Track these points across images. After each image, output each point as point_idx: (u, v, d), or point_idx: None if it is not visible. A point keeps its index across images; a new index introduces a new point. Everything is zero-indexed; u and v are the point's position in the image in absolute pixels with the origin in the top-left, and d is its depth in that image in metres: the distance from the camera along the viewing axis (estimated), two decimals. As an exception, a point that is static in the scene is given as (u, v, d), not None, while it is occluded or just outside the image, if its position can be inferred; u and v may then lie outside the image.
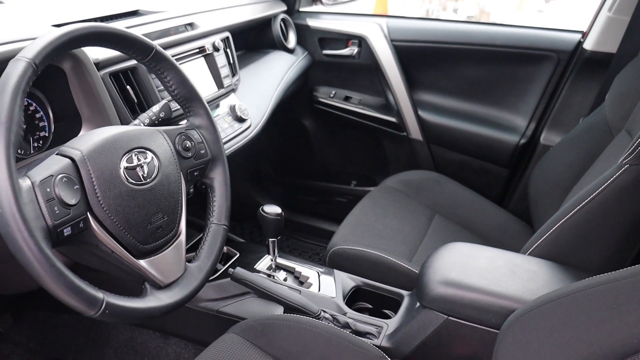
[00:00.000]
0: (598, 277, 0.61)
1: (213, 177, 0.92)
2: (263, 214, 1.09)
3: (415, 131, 1.79)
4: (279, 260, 1.22)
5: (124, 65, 0.99)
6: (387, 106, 1.82)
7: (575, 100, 1.53)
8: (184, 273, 0.81)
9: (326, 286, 1.15)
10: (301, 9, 1.89)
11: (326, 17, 1.85)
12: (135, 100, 1.00)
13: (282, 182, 2.17)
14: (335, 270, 1.21)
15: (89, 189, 0.68)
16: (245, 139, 1.26)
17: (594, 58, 1.46)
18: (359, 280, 1.19)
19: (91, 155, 0.70)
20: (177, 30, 1.21)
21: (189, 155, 0.86)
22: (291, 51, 1.75)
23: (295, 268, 1.21)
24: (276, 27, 1.70)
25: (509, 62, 1.63)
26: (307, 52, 1.84)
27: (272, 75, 1.56)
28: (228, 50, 1.36)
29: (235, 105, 1.27)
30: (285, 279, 1.18)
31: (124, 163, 0.73)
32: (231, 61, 1.36)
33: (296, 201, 2.14)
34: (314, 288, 1.14)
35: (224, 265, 1.18)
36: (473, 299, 0.88)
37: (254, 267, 1.19)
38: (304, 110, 1.98)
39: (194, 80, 0.91)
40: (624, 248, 0.93)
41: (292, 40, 1.79)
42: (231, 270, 1.09)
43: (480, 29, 1.68)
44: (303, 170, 2.14)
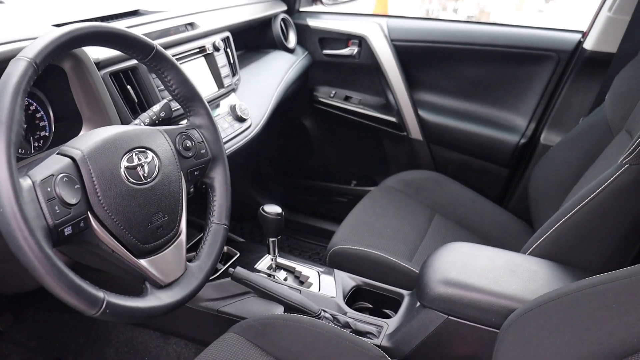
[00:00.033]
0: (598, 277, 0.61)
1: (213, 177, 0.92)
2: (263, 214, 1.09)
3: (415, 131, 1.79)
4: (279, 259, 1.22)
5: (125, 65, 0.99)
6: (387, 106, 1.82)
7: (575, 100, 1.53)
8: (185, 272, 0.81)
9: (326, 286, 1.15)
10: (301, 9, 1.89)
11: (326, 17, 1.85)
12: (135, 99, 1.00)
13: (283, 182, 2.17)
14: (335, 270, 1.21)
15: (90, 189, 0.69)
16: (245, 139, 1.26)
17: (594, 58, 1.46)
18: (359, 279, 1.19)
19: (92, 154, 0.70)
20: (178, 30, 1.21)
21: (190, 154, 0.86)
22: (291, 51, 1.75)
23: (295, 268, 1.21)
24: (276, 27, 1.70)
25: (509, 62, 1.63)
26: (307, 52, 1.85)
27: (273, 75, 1.56)
28: (228, 50, 1.36)
29: (235, 105, 1.28)
30: (285, 279, 1.18)
31: (125, 162, 0.73)
32: (231, 61, 1.36)
33: (296, 201, 2.14)
34: (314, 288, 1.14)
35: (224, 264, 1.18)
36: (473, 299, 0.88)
37: (254, 267, 1.19)
38: (304, 110, 1.98)
39: (194, 80, 0.91)
40: (624, 248, 0.93)
41: (292, 40, 1.79)
42: (231, 269, 1.09)
43: (480, 29, 1.68)
44: (303, 170, 2.14)
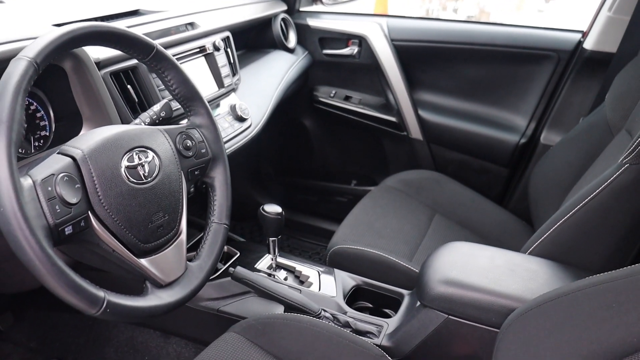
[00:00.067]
0: (598, 276, 0.61)
1: (214, 176, 0.92)
2: (263, 214, 1.09)
3: (415, 131, 1.79)
4: (280, 259, 1.22)
5: (125, 64, 0.99)
6: (387, 106, 1.82)
7: (575, 99, 1.53)
8: (185, 272, 0.81)
9: (326, 285, 1.15)
10: (301, 9, 1.89)
11: (326, 17, 1.85)
12: (135, 99, 1.00)
13: (283, 182, 2.17)
14: (335, 269, 1.21)
15: (90, 188, 0.69)
16: (245, 139, 1.26)
17: (594, 58, 1.46)
18: (359, 279, 1.19)
19: (92, 154, 0.70)
20: (178, 29, 1.21)
21: (190, 154, 0.86)
22: (291, 51, 1.75)
23: (295, 267, 1.21)
24: (276, 27, 1.70)
25: (509, 62, 1.63)
26: (308, 52, 1.85)
27: (273, 74, 1.56)
28: (228, 49, 1.36)
29: (235, 104, 1.28)
30: (285, 278, 1.18)
31: (125, 162, 0.73)
32: (231, 61, 1.36)
33: (296, 201, 2.14)
34: (315, 287, 1.14)
35: (225, 264, 1.18)
36: (473, 298, 0.88)
37: (255, 267, 1.19)
38: (304, 109, 1.98)
39: (195, 79, 0.91)
40: (624, 247, 0.93)
41: (293, 39, 1.79)
42: (232, 269, 1.09)
43: (480, 29, 1.68)
44: (303, 169, 2.14)
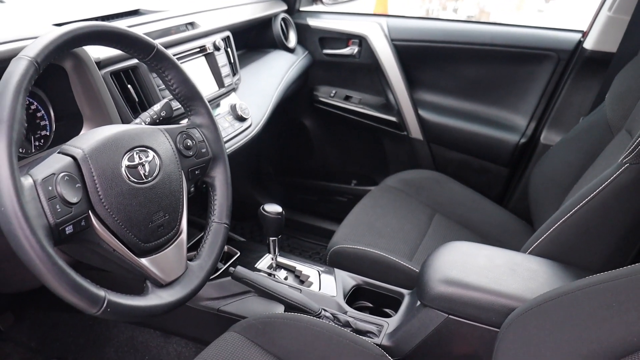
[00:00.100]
0: (598, 276, 0.61)
1: (214, 176, 0.92)
2: (264, 213, 1.09)
3: (415, 130, 1.79)
4: (280, 259, 1.22)
5: (125, 64, 0.99)
6: (388, 105, 1.82)
7: (575, 99, 1.53)
8: (185, 271, 0.81)
9: (327, 285, 1.15)
10: (302, 9, 1.89)
11: (326, 17, 1.85)
12: (136, 99, 1.00)
13: (283, 182, 2.17)
14: (335, 269, 1.21)
15: (91, 188, 0.69)
16: (245, 138, 1.26)
17: (594, 57, 1.46)
18: (360, 279, 1.19)
19: (93, 153, 0.70)
20: (178, 29, 1.21)
21: (190, 154, 0.86)
22: (291, 51, 1.76)
23: (295, 267, 1.21)
24: (277, 27, 1.70)
25: (509, 62, 1.63)
26: (308, 52, 1.85)
27: (273, 74, 1.56)
28: (229, 49, 1.36)
29: (235, 104, 1.28)
30: (285, 278, 1.18)
31: (126, 162, 0.73)
32: (232, 60, 1.36)
33: (296, 200, 2.14)
34: (315, 287, 1.14)
35: (225, 264, 1.19)
36: (473, 298, 0.88)
37: (255, 266, 1.19)
38: (305, 109, 1.98)
39: (195, 79, 0.91)
40: (624, 247, 0.93)
41: (293, 39, 1.79)
42: (232, 269, 1.09)
43: (480, 29, 1.68)
44: (303, 169, 2.14)
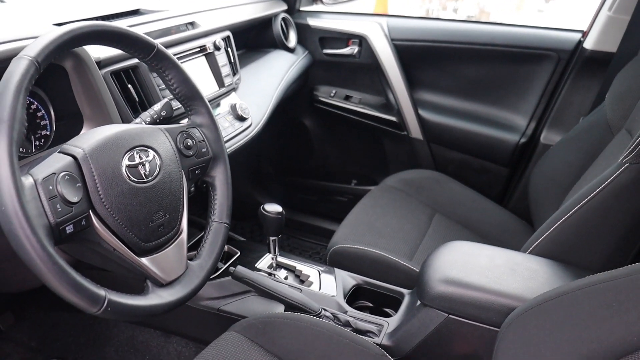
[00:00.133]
0: (598, 275, 0.61)
1: (214, 176, 0.92)
2: (264, 213, 1.09)
3: (415, 130, 1.79)
4: (280, 258, 1.22)
5: (126, 64, 0.99)
6: (388, 105, 1.82)
7: (575, 99, 1.54)
8: (186, 271, 0.81)
9: (327, 285, 1.15)
10: (302, 9, 1.89)
11: (327, 17, 1.85)
12: (136, 98, 1.00)
13: (283, 181, 2.17)
14: (335, 268, 1.21)
15: (91, 187, 0.69)
16: (246, 138, 1.26)
17: (594, 57, 1.46)
18: (360, 278, 1.19)
19: (93, 153, 0.70)
20: (178, 29, 1.21)
21: (191, 153, 0.86)
22: (292, 50, 1.76)
23: (296, 267, 1.21)
24: (277, 27, 1.70)
25: (509, 62, 1.63)
26: (308, 52, 1.85)
27: (273, 74, 1.56)
28: (229, 49, 1.36)
29: (236, 104, 1.28)
30: (286, 278, 1.18)
31: (126, 161, 0.74)
32: (232, 60, 1.36)
33: (296, 200, 2.14)
34: (315, 287, 1.14)
35: (225, 263, 1.19)
36: (473, 297, 0.88)
37: (255, 266, 1.19)
38: (305, 109, 1.98)
39: (195, 79, 0.91)
40: (624, 246, 0.93)
41: (293, 39, 1.79)
42: (232, 268, 1.09)
43: (480, 29, 1.68)
44: (303, 169, 2.14)
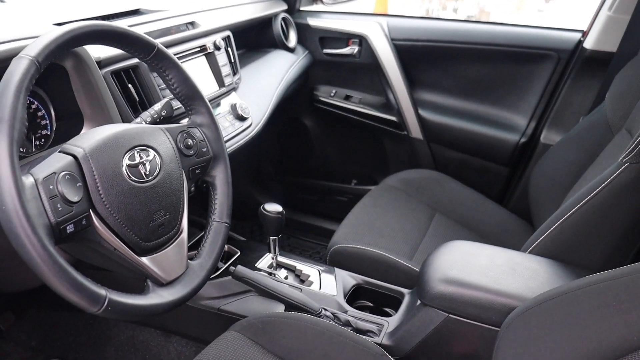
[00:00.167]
0: (598, 275, 0.61)
1: (215, 175, 0.92)
2: (264, 212, 1.09)
3: (415, 130, 1.79)
4: (280, 258, 1.22)
5: (126, 63, 0.99)
6: (388, 105, 1.82)
7: (575, 99, 1.54)
8: (186, 270, 0.81)
9: (327, 284, 1.15)
10: (302, 8, 1.89)
11: (327, 16, 1.85)
12: (136, 98, 1.00)
13: (283, 181, 2.17)
14: (336, 268, 1.22)
15: (92, 187, 0.69)
16: (246, 138, 1.26)
17: (594, 57, 1.46)
18: (360, 278, 1.19)
19: (94, 152, 0.70)
20: (178, 29, 1.22)
21: (191, 153, 0.87)
22: (292, 50, 1.76)
23: (296, 266, 1.21)
24: (277, 26, 1.71)
25: (509, 61, 1.63)
26: (308, 51, 1.85)
27: (273, 74, 1.56)
28: (229, 49, 1.36)
29: (236, 103, 1.28)
30: (286, 277, 1.18)
31: (127, 161, 0.74)
32: (232, 60, 1.36)
33: (297, 200, 2.14)
34: (315, 286, 1.15)
35: (225, 263, 1.19)
36: (474, 297, 0.88)
37: (255, 266, 1.19)
38: (305, 109, 1.98)
39: (195, 78, 0.91)
40: (624, 246, 0.93)
41: (293, 39, 1.79)
42: (232, 268, 1.09)
43: (480, 28, 1.68)
44: (303, 169, 2.14)
